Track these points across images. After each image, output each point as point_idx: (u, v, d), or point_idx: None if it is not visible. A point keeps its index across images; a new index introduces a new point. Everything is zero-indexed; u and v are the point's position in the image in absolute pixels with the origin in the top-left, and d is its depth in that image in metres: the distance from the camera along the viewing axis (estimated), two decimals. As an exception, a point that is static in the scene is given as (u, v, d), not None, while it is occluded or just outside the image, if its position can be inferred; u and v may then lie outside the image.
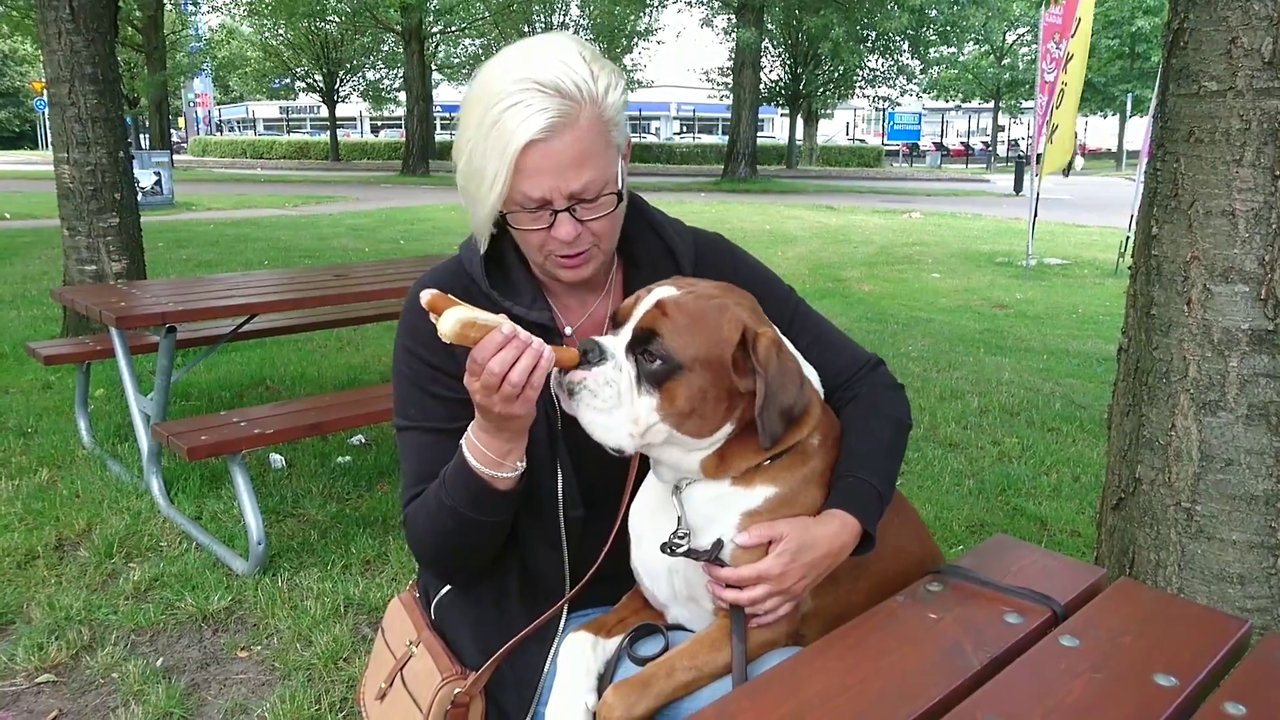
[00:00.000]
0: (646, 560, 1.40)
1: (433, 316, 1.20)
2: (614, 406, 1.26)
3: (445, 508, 1.37)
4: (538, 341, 1.22)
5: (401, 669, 1.51)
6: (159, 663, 2.82)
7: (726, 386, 1.29)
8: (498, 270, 1.49)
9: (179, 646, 2.92)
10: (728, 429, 1.31)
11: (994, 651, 1.22)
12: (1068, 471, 4.44)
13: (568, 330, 1.52)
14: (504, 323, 1.21)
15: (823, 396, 1.46)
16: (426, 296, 1.21)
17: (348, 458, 4.46)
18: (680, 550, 1.30)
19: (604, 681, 1.34)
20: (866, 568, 1.43)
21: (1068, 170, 31.92)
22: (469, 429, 1.34)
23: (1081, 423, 5.18)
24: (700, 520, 1.34)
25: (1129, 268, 2.43)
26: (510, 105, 1.29)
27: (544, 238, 1.38)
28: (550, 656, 1.45)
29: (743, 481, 1.34)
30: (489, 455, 1.32)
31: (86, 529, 3.68)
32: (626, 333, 1.29)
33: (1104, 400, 5.67)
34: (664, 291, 1.31)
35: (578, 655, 1.35)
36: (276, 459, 4.40)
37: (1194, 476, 2.21)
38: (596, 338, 1.28)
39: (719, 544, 1.31)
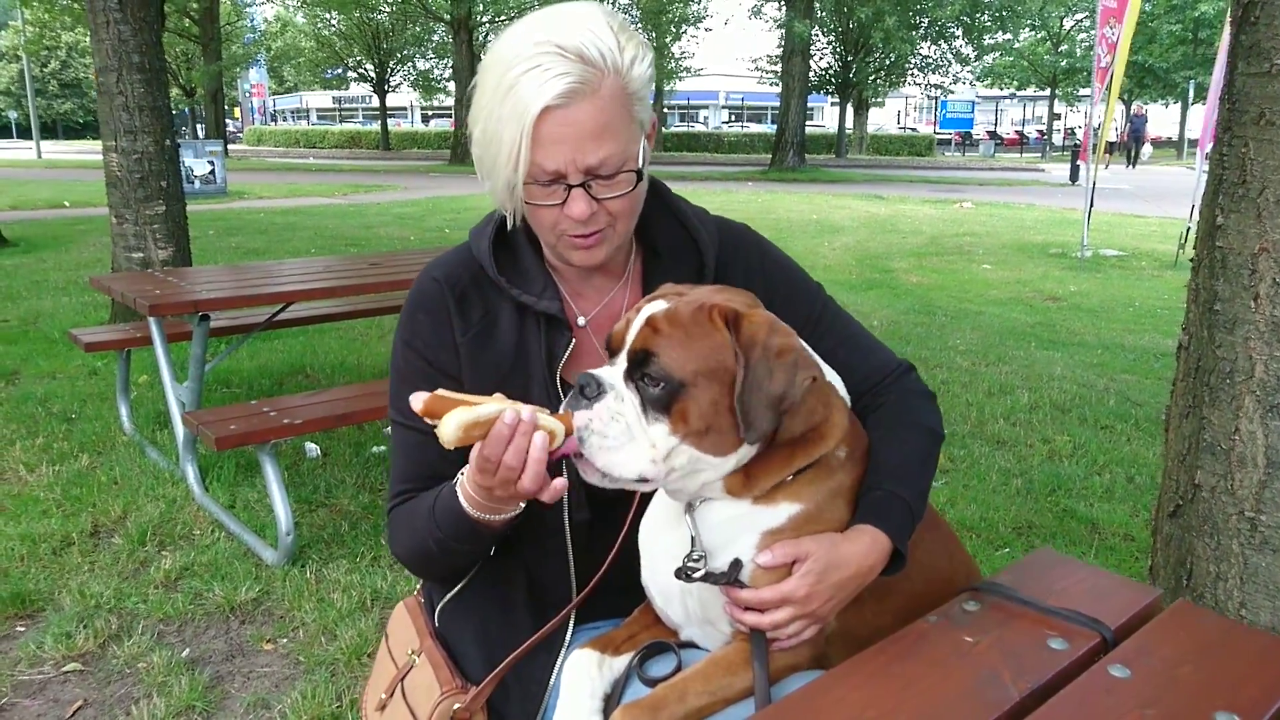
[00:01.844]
0: (659, 580, 1.31)
1: (430, 421, 1.13)
2: (626, 441, 1.15)
3: (432, 535, 1.32)
4: (529, 414, 1.13)
5: (402, 679, 1.44)
6: (184, 654, 2.80)
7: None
8: (507, 255, 1.42)
9: (205, 637, 2.91)
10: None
11: (1035, 682, 1.11)
12: (1121, 472, 4.26)
13: (580, 320, 1.44)
14: (505, 411, 1.12)
15: (849, 404, 1.35)
16: (418, 403, 1.11)
17: (382, 447, 4.43)
18: (696, 576, 1.21)
19: (611, 702, 1.26)
20: (893, 588, 1.32)
21: (1134, 160, 30.77)
22: (465, 478, 1.26)
23: (1137, 421, 4.98)
24: (717, 539, 1.24)
25: (1190, 260, 2.28)
26: (528, 69, 1.21)
27: (556, 215, 1.30)
28: (556, 670, 1.37)
29: (765, 499, 1.24)
30: (488, 504, 1.26)
31: (122, 516, 3.69)
32: (622, 359, 1.19)
33: (1161, 397, 5.46)
34: (654, 307, 1.20)
35: (582, 675, 1.26)
36: (311, 448, 4.39)
37: (1259, 484, 2.06)
38: (591, 370, 1.18)
39: (737, 564, 1.22)
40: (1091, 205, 11.49)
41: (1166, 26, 35.89)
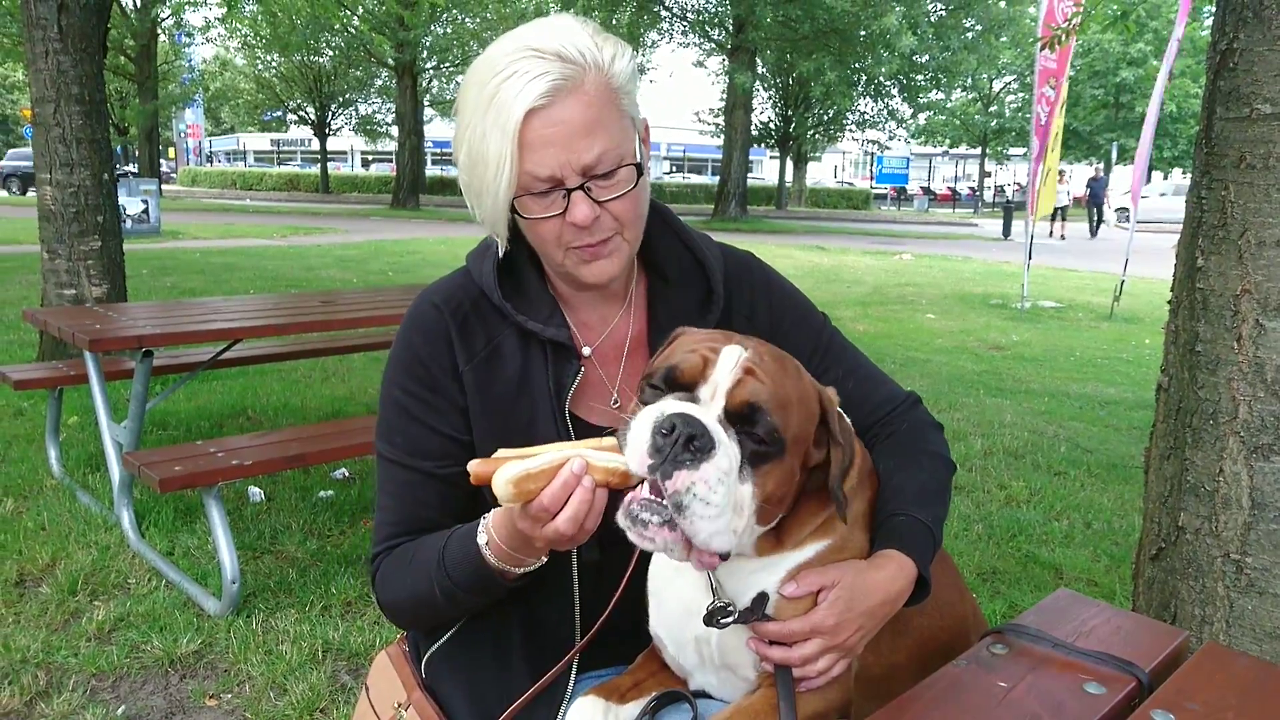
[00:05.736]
0: (670, 625, 1.23)
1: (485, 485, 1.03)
2: (728, 509, 0.98)
3: (439, 584, 1.22)
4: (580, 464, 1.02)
5: (388, 736, 1.33)
6: (120, 711, 2.61)
7: (802, 463, 1.11)
8: (510, 281, 1.34)
9: (143, 693, 2.71)
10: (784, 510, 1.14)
11: (1079, 729, 1.05)
12: (1078, 517, 4.29)
13: (585, 350, 1.36)
14: (572, 460, 1.00)
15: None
16: (473, 470, 1.01)
17: (330, 492, 4.26)
18: (726, 622, 1.12)
19: (620, 757, 1.16)
20: (909, 623, 1.27)
21: (1095, 227, 29.26)
22: (492, 529, 1.15)
23: (1088, 467, 5.03)
24: (741, 586, 1.16)
25: (1168, 303, 2.30)
26: (507, 76, 1.16)
27: (559, 227, 1.22)
28: (558, 721, 1.27)
29: (795, 546, 1.17)
30: (516, 556, 1.16)
31: (50, 564, 3.47)
32: (715, 404, 1.01)
33: (1109, 444, 5.54)
34: (736, 351, 1.05)
35: None
36: (255, 492, 4.20)
37: (1244, 526, 2.05)
38: (685, 412, 0.98)
39: (763, 598, 1.14)
40: (1030, 258, 11.80)
41: (1090, 91, 37.43)
